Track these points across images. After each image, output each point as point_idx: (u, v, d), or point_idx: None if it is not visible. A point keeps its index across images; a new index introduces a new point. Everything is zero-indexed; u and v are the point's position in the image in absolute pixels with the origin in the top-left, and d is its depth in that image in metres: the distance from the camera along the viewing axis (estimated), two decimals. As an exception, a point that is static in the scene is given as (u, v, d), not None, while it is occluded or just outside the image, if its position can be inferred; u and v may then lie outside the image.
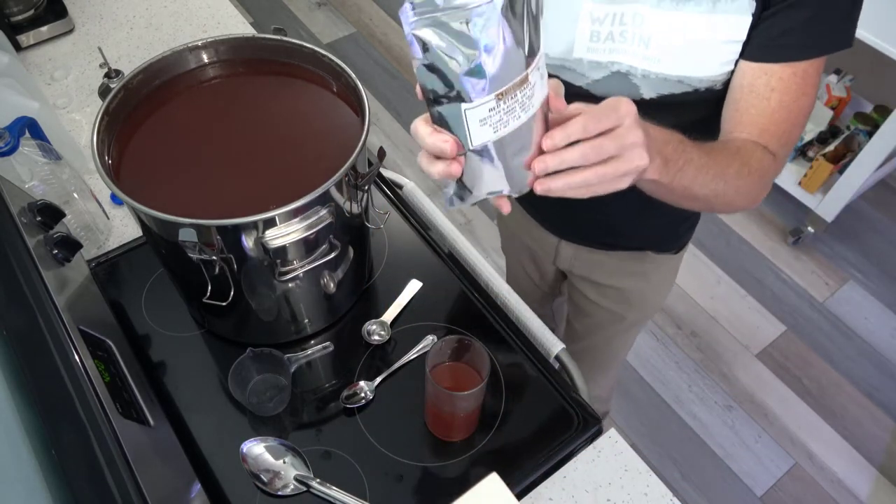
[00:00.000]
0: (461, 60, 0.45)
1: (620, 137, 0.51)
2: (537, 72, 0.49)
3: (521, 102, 0.48)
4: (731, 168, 0.67)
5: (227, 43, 0.84)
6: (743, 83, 0.73)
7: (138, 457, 0.59)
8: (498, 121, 0.48)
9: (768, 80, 0.72)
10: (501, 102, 0.47)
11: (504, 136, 0.49)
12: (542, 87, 0.50)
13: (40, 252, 0.72)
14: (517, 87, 0.47)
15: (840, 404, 1.82)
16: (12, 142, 0.85)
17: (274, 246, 0.67)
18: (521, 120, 0.49)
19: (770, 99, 0.72)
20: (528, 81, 0.48)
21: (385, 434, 0.80)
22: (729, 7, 0.70)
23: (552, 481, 0.79)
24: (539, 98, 0.50)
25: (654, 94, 0.77)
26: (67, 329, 0.65)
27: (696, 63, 0.74)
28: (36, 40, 1.24)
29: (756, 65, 0.72)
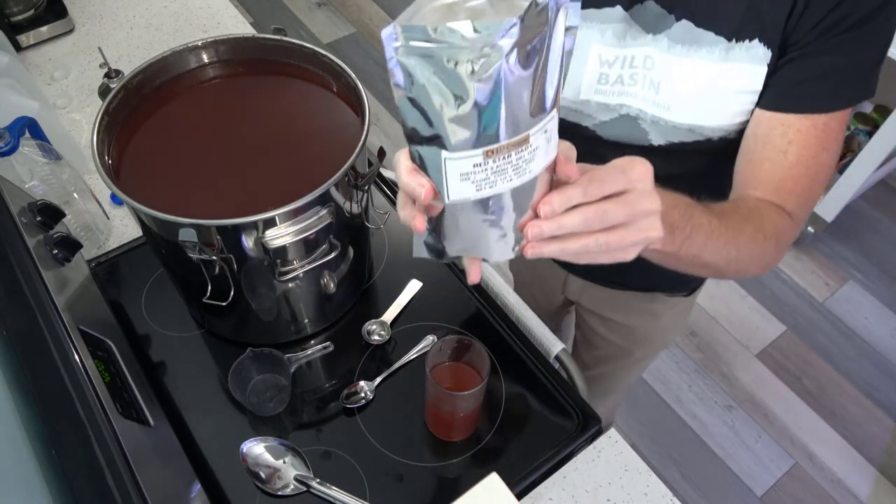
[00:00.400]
0: (448, 103, 0.39)
1: (631, 204, 0.45)
2: (542, 134, 0.42)
3: (516, 165, 0.42)
4: (743, 234, 0.61)
5: (227, 43, 0.84)
6: (757, 133, 0.68)
7: (138, 457, 0.59)
8: (483, 179, 0.42)
9: (784, 131, 0.66)
10: (490, 161, 0.41)
11: (489, 196, 0.43)
12: (547, 150, 0.43)
13: (40, 252, 0.72)
14: (512, 148, 0.41)
15: (840, 404, 1.82)
16: (12, 142, 0.85)
17: (274, 246, 0.67)
18: (514, 184, 0.43)
19: (787, 153, 0.66)
20: (527, 143, 0.41)
21: (385, 434, 0.80)
22: (742, 56, 0.66)
23: (552, 481, 0.79)
24: (541, 163, 0.43)
25: (664, 140, 0.74)
26: (67, 329, 0.65)
27: (707, 112, 0.70)
28: (36, 40, 1.24)
29: (771, 114, 0.67)
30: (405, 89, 0.40)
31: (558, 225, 0.45)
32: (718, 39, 0.67)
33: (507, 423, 0.81)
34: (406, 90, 0.40)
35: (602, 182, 0.45)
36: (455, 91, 0.38)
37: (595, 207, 0.45)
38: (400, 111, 0.41)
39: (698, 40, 0.68)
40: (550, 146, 0.44)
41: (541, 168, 0.43)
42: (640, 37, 0.70)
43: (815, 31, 0.63)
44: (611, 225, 0.45)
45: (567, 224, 0.45)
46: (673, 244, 0.54)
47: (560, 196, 0.44)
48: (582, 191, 0.44)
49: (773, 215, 0.65)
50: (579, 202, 0.45)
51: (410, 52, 0.38)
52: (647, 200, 0.46)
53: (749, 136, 0.69)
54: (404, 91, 0.40)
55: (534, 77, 0.39)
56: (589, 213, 0.45)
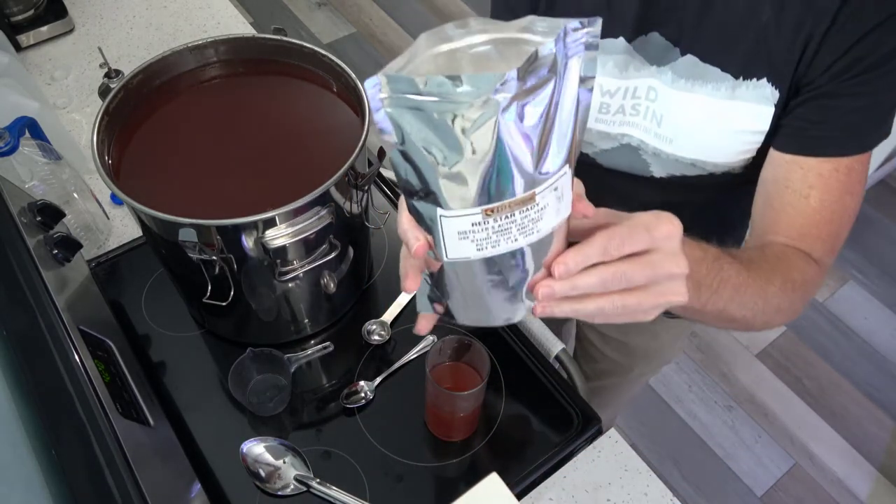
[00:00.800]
0: (441, 160, 0.36)
1: (654, 265, 0.41)
2: (551, 192, 0.38)
3: (521, 225, 0.38)
4: (772, 284, 0.58)
5: (227, 43, 0.84)
6: (777, 177, 0.64)
7: (138, 457, 0.59)
8: (484, 239, 0.39)
9: (805, 175, 0.62)
10: (491, 220, 0.38)
11: (493, 256, 0.40)
12: (558, 209, 0.39)
13: (40, 252, 0.72)
14: (515, 207, 0.37)
15: (840, 404, 1.82)
16: (12, 142, 0.85)
17: (274, 246, 0.67)
18: (519, 244, 0.39)
19: (809, 198, 0.62)
20: (533, 202, 0.38)
21: (385, 434, 0.79)
22: (749, 95, 0.64)
23: (552, 481, 0.79)
24: (551, 222, 0.39)
25: (665, 173, 0.73)
26: (67, 329, 0.65)
27: (710, 148, 0.68)
28: (36, 40, 1.24)
29: (790, 157, 0.63)
30: (396, 142, 0.36)
31: (572, 285, 0.41)
32: (725, 76, 0.65)
33: (508, 423, 0.81)
34: (397, 143, 0.36)
35: (623, 240, 0.41)
36: (448, 147, 0.35)
37: (614, 268, 0.41)
38: (392, 164, 0.38)
39: (703, 75, 0.66)
40: (562, 204, 0.40)
41: (551, 228, 0.40)
42: (643, 68, 0.69)
43: (829, 74, 0.60)
44: (631, 287, 0.42)
45: (582, 285, 0.41)
46: (699, 300, 0.51)
47: (576, 255, 0.40)
48: (601, 249, 0.40)
49: (800, 263, 0.62)
50: (597, 261, 0.41)
51: (398, 103, 0.35)
52: (672, 263, 0.41)
53: (767, 179, 0.66)
54: (395, 144, 0.37)
55: (540, 132, 0.36)
56: (607, 274, 0.41)
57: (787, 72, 0.62)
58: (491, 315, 0.45)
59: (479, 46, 0.36)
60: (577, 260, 0.41)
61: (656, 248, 0.41)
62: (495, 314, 0.45)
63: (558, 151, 0.38)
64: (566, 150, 0.38)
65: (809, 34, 0.60)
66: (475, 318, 0.45)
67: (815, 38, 0.59)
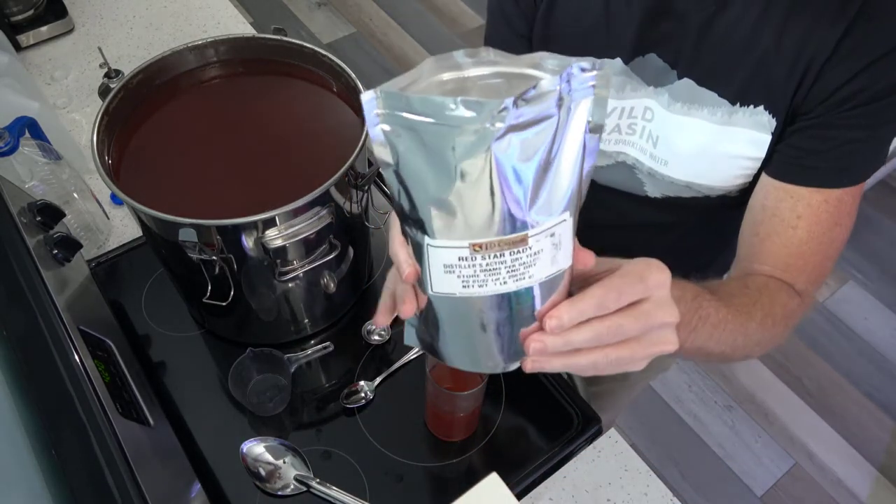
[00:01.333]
0: (431, 184, 0.35)
1: (647, 316, 0.40)
2: (547, 238, 0.36)
3: (512, 268, 0.36)
4: (752, 320, 0.57)
5: (227, 43, 0.84)
6: (765, 203, 0.63)
7: (138, 457, 0.59)
8: (470, 276, 0.37)
9: (794, 204, 0.61)
10: (479, 256, 0.36)
11: (478, 297, 0.38)
12: (554, 257, 0.37)
13: (40, 252, 0.72)
14: (505, 246, 0.35)
15: (840, 404, 1.82)
16: (12, 142, 0.85)
17: (274, 246, 0.67)
18: (509, 288, 0.37)
19: (797, 228, 0.61)
20: (525, 244, 0.36)
21: (385, 434, 0.79)
22: (746, 121, 0.63)
23: (552, 481, 0.79)
24: (546, 270, 0.37)
25: (660, 193, 0.72)
26: (67, 329, 0.65)
27: (705, 172, 0.68)
28: (36, 40, 1.24)
29: (780, 184, 0.62)
30: (390, 162, 0.35)
31: (566, 341, 0.39)
32: (721, 101, 0.64)
33: (508, 423, 0.81)
34: (391, 162, 0.35)
35: (620, 293, 0.39)
36: (439, 172, 0.34)
37: (609, 323, 0.39)
38: (386, 184, 0.37)
39: (700, 99, 0.65)
40: (560, 253, 0.37)
41: (545, 276, 0.37)
42: (640, 88, 0.68)
43: (828, 104, 0.59)
44: (624, 339, 0.41)
45: (576, 340, 0.40)
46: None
47: (571, 309, 0.39)
48: (597, 304, 0.39)
49: (783, 297, 0.61)
50: (594, 315, 0.39)
51: (394, 121, 0.34)
52: (664, 312, 0.41)
53: (756, 205, 0.65)
54: (389, 163, 0.35)
55: (536, 170, 0.34)
56: (602, 328, 0.39)
57: (785, 100, 0.61)
58: (477, 361, 0.43)
59: (489, 78, 0.35)
60: (572, 315, 0.39)
61: (648, 296, 0.40)
62: (482, 361, 0.42)
63: (557, 196, 0.36)
64: (567, 195, 0.36)
65: (809, 63, 0.59)
66: (460, 361, 0.43)
67: (815, 67, 0.59)
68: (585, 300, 0.39)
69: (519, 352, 0.41)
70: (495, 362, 0.42)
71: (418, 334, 0.45)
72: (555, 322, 0.39)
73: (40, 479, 0.58)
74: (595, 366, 0.41)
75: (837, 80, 0.58)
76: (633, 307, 0.40)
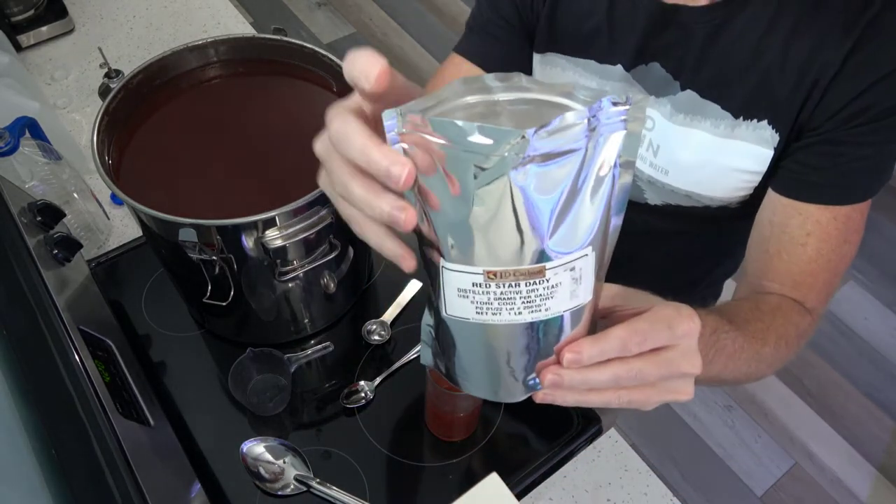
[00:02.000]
0: (448, 207, 0.34)
1: (670, 365, 0.39)
2: (566, 272, 0.35)
3: (527, 298, 0.35)
4: (766, 346, 0.57)
5: (227, 43, 0.84)
6: (773, 220, 0.63)
7: (138, 457, 0.59)
8: (484, 303, 0.36)
9: (803, 221, 0.61)
10: (493, 284, 0.35)
11: (492, 324, 0.37)
12: (573, 292, 0.36)
13: (40, 252, 0.72)
14: (521, 277, 0.35)
15: (840, 404, 1.82)
16: (12, 142, 0.85)
17: (274, 246, 0.67)
18: (524, 318, 0.36)
19: (806, 245, 0.61)
20: (542, 276, 0.35)
21: (385, 434, 0.80)
22: (748, 135, 0.63)
23: (552, 481, 0.79)
24: (564, 304, 0.36)
25: (660, 201, 0.72)
26: (67, 329, 0.65)
27: (705, 183, 0.68)
28: (36, 40, 1.24)
29: (787, 201, 0.62)
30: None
31: (583, 379, 0.38)
32: (724, 114, 0.63)
33: (507, 423, 0.81)
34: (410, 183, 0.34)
35: (645, 338, 0.38)
36: (456, 196, 0.33)
37: (629, 366, 0.38)
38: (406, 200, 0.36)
39: (702, 111, 0.64)
40: (580, 288, 0.36)
41: (563, 309, 0.36)
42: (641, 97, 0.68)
43: (835, 121, 0.59)
44: (641, 384, 0.40)
45: (594, 380, 0.38)
46: None
47: (592, 347, 0.37)
48: (620, 345, 0.37)
49: (795, 317, 0.61)
50: (615, 356, 0.38)
51: (413, 141, 0.33)
52: (687, 363, 0.39)
53: (763, 221, 0.64)
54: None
55: (558, 203, 0.33)
56: (621, 371, 0.38)
57: (789, 115, 0.61)
58: (488, 388, 0.42)
59: (518, 104, 0.35)
60: (593, 353, 0.37)
61: (675, 344, 0.39)
62: (493, 388, 0.42)
63: (580, 230, 0.35)
64: (590, 230, 0.35)
65: (816, 79, 0.58)
66: (472, 386, 0.43)
67: (822, 82, 0.58)
68: (609, 340, 0.37)
69: (533, 382, 0.40)
70: (509, 391, 0.41)
71: (434, 356, 0.44)
72: (573, 357, 0.37)
73: (40, 479, 0.58)
74: (607, 405, 0.40)
75: (845, 96, 0.57)
76: (656, 353, 0.39)
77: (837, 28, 0.56)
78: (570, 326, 0.38)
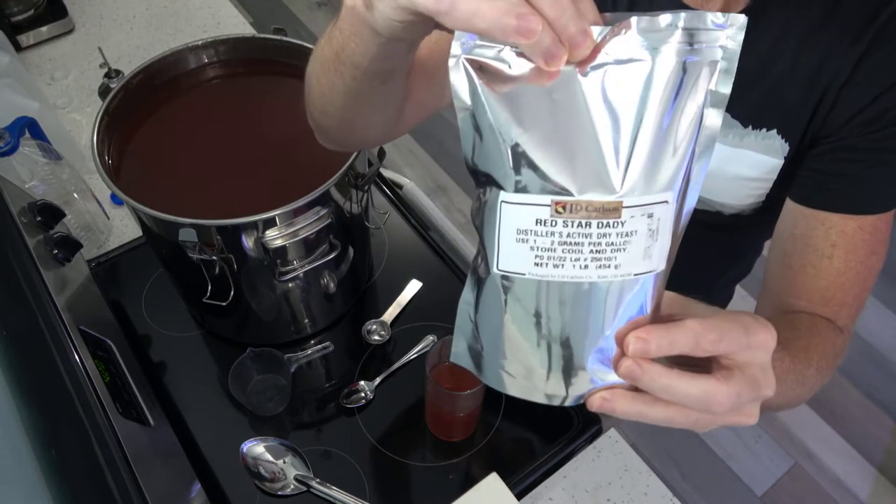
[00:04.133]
0: (505, 131, 0.30)
1: (757, 385, 0.34)
2: (644, 220, 0.30)
3: (597, 245, 0.30)
4: (810, 367, 0.53)
5: (228, 43, 0.84)
6: (795, 233, 0.59)
7: (138, 457, 0.59)
8: (547, 249, 0.31)
9: (827, 232, 0.58)
10: (560, 220, 0.30)
11: (551, 281, 0.31)
12: (648, 251, 0.31)
13: (40, 252, 0.72)
14: (594, 213, 0.30)
15: (840, 404, 1.82)
16: (12, 142, 0.85)
17: (274, 246, 0.67)
18: (589, 276, 0.31)
19: (832, 258, 0.57)
20: (618, 216, 0.30)
21: (385, 434, 0.80)
22: (757, 145, 0.62)
23: (552, 481, 0.79)
24: (637, 264, 0.31)
25: None
26: (67, 329, 0.65)
27: (716, 190, 0.67)
28: (36, 40, 1.24)
29: (810, 211, 0.58)
30: (466, 104, 0.31)
31: (651, 378, 0.32)
32: (733, 122, 0.62)
33: (507, 423, 0.81)
34: (469, 105, 0.31)
35: (721, 336, 0.33)
36: (520, 113, 0.30)
37: (702, 387, 0.32)
38: (460, 132, 0.32)
39: None
40: (656, 247, 0.31)
41: (634, 271, 0.31)
42: None
43: (850, 127, 0.57)
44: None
45: (663, 385, 0.32)
46: None
47: (661, 335, 0.32)
48: (692, 339, 0.32)
49: (831, 335, 0.58)
50: (685, 352, 0.32)
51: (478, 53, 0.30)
52: (763, 384, 0.34)
53: (784, 234, 0.60)
54: (464, 105, 0.31)
55: (636, 122, 0.29)
56: (693, 391, 0.32)
57: (800, 125, 0.60)
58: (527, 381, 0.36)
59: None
60: (662, 343, 0.32)
61: (747, 361, 0.33)
62: (534, 382, 0.36)
63: (662, 167, 0.30)
64: (673, 172, 0.31)
65: (827, 86, 0.57)
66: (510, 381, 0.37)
67: (833, 89, 0.57)
68: (682, 331, 0.32)
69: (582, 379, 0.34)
70: (552, 390, 0.35)
71: (469, 348, 0.38)
72: (640, 345, 0.32)
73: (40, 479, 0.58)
74: (669, 422, 0.34)
75: (858, 102, 0.56)
76: (728, 371, 0.33)
77: (848, 35, 0.55)
78: (636, 303, 0.32)
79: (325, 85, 0.49)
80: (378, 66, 0.43)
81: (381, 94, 0.49)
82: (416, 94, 0.56)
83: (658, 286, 0.33)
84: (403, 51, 0.43)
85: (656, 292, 0.33)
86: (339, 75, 0.46)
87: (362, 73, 0.44)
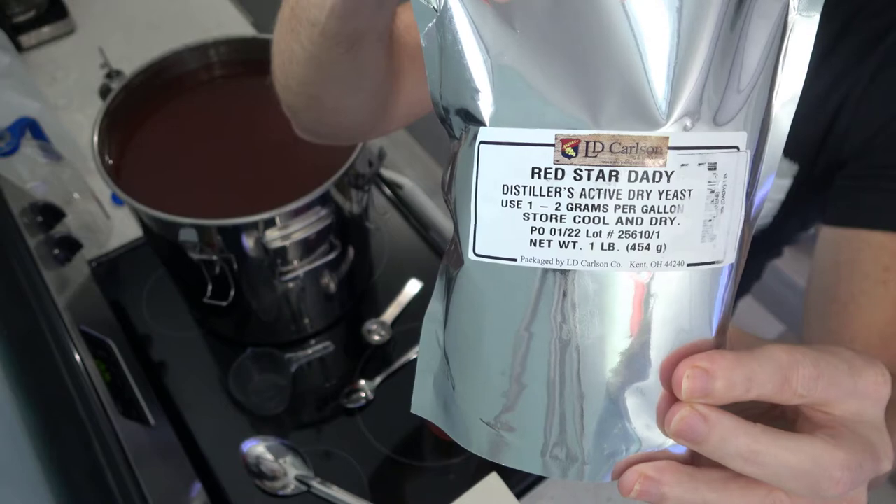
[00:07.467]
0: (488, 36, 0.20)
1: (877, 460, 0.22)
2: (702, 170, 0.19)
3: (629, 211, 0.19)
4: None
5: (228, 43, 0.84)
6: (838, 259, 0.51)
7: (138, 456, 0.59)
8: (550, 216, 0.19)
9: (875, 254, 0.49)
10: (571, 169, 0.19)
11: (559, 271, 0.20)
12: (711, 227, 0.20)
13: (41, 252, 0.72)
14: (624, 158, 0.19)
15: (841, 404, 1.82)
16: (13, 142, 0.86)
17: (274, 246, 0.68)
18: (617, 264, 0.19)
19: (888, 283, 0.48)
20: (660, 159, 0.19)
21: (385, 434, 0.80)
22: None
23: (552, 480, 0.79)
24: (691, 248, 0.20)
25: None
26: (68, 329, 0.65)
27: None
28: (37, 41, 1.24)
29: (851, 232, 0.51)
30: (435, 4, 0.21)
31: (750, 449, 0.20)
32: None
33: (507, 423, 0.81)
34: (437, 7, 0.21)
35: (819, 373, 0.21)
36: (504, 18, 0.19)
37: (808, 452, 0.21)
38: (423, 52, 0.22)
39: None
40: (722, 220, 0.20)
41: (687, 258, 0.20)
42: None
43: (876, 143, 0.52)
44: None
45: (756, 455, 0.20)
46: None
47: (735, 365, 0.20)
48: (778, 375, 0.21)
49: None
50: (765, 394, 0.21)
51: None
52: (881, 451, 0.22)
53: (825, 268, 0.52)
54: (432, 6, 0.21)
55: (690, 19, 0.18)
56: (794, 460, 0.20)
57: (811, 147, 0.56)
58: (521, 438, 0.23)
59: None
60: (735, 378, 0.20)
61: (857, 414, 0.22)
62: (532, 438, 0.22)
63: (730, 88, 0.19)
64: (744, 98, 0.20)
65: (839, 105, 0.53)
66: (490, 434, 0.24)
67: (847, 108, 0.52)
68: (762, 360, 0.20)
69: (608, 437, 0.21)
70: (563, 449, 0.22)
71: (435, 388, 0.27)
72: (700, 381, 0.20)
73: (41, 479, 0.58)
74: None
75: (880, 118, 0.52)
76: (851, 433, 0.22)
77: (861, 54, 0.53)
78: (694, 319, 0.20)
79: (284, 53, 0.45)
80: (338, 24, 0.37)
81: (348, 66, 0.42)
82: (407, 88, 0.53)
83: (728, 291, 0.21)
84: (368, 5, 0.37)
85: (724, 301, 0.21)
86: (295, 37, 0.41)
87: (319, 32, 0.38)
